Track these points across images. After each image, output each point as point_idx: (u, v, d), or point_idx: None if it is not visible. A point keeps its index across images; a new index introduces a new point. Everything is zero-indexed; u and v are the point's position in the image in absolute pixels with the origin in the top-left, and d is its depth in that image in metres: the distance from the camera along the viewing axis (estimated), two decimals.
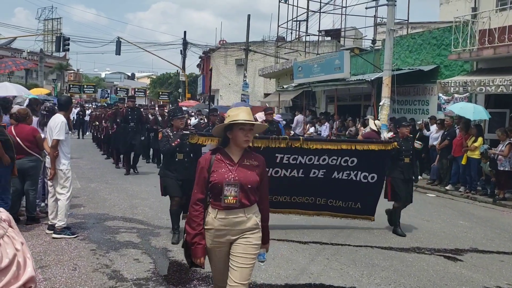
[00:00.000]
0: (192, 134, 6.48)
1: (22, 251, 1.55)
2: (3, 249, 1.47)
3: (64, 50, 32.68)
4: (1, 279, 1.44)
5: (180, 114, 6.59)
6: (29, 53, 43.21)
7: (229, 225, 3.17)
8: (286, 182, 7.08)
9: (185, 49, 37.78)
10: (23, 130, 6.57)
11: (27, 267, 1.53)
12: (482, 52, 12.65)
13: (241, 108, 3.30)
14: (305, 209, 7.51)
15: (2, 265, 1.45)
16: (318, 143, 7.09)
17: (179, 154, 6.47)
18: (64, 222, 6.24)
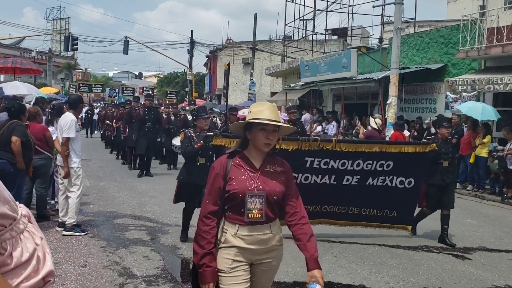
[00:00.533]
0: (216, 136, 5.97)
1: (42, 246, 1.59)
2: (23, 243, 1.51)
3: (73, 49, 32.85)
4: (21, 272, 1.48)
5: (205, 114, 6.08)
6: (38, 52, 43.47)
7: (253, 244, 2.65)
8: (317, 189, 6.41)
9: (192, 48, 37.84)
10: (33, 129, 6.63)
11: (46, 261, 1.56)
12: (490, 50, 12.59)
13: (266, 104, 2.77)
14: (337, 219, 6.88)
15: (22, 259, 1.49)
16: (351, 145, 6.47)
17: (201, 157, 5.99)
18: (74, 219, 6.31)
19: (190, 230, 6.32)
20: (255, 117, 2.64)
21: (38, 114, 6.82)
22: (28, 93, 11.14)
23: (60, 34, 47.03)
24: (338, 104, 21.02)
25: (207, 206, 2.67)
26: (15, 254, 1.46)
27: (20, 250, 1.48)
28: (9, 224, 1.47)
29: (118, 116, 15.01)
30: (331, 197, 6.64)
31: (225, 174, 2.67)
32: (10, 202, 1.48)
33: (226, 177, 2.66)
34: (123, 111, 14.51)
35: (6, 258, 1.44)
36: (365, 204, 6.80)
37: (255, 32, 32.24)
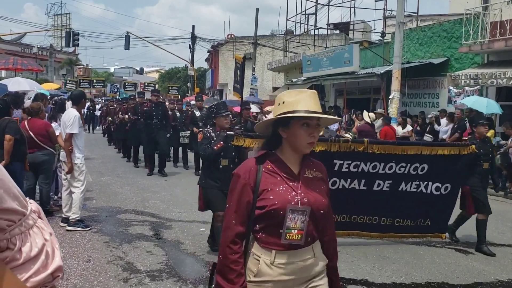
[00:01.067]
0: (237, 135, 5.45)
1: (51, 241, 1.60)
2: (33, 239, 1.53)
3: (74, 45, 32.84)
4: (30, 267, 1.49)
5: (225, 111, 5.41)
6: (39, 48, 43.48)
7: (295, 273, 2.07)
8: (345, 196, 5.76)
9: (194, 43, 37.78)
10: (36, 125, 6.65)
11: (55, 257, 1.58)
12: (493, 45, 12.55)
13: (305, 91, 2.16)
14: (368, 231, 6.20)
15: (31, 254, 1.50)
16: (385, 147, 5.84)
17: (224, 159, 5.37)
18: (78, 215, 6.34)
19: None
20: (293, 109, 2.05)
21: (40, 110, 6.83)
22: (30, 89, 11.16)
23: (61, 29, 47.01)
24: (340, 99, 21.01)
25: (233, 227, 2.05)
26: (24, 249, 1.48)
27: (29, 245, 1.50)
28: (18, 220, 1.48)
29: (123, 109, 14.34)
30: (361, 205, 5.97)
31: (255, 184, 2.07)
32: (19, 198, 1.49)
33: (257, 188, 2.07)
34: (127, 106, 14.08)
35: (15, 253, 1.46)
36: (398, 214, 6.12)
37: (257, 27, 32.15)
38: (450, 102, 14.12)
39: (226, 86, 38.87)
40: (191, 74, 39.61)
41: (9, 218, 1.44)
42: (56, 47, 47.69)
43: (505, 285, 5.10)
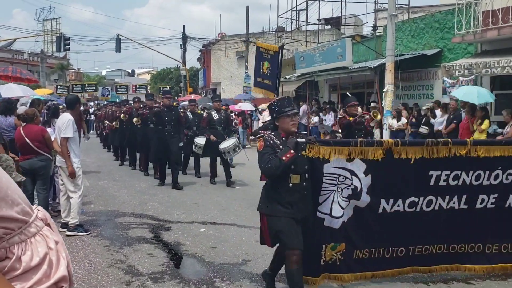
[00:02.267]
0: (311, 143, 4.10)
1: (56, 250, 1.55)
2: (34, 247, 1.48)
3: (65, 50, 32.65)
4: (31, 277, 1.45)
5: (290, 109, 4.02)
6: (30, 54, 43.21)
7: None
8: (442, 219, 4.60)
9: (185, 43, 37.66)
10: (31, 130, 6.58)
11: (59, 266, 1.53)
12: (486, 34, 12.55)
13: None
14: (471, 263, 4.84)
15: (31, 263, 1.45)
16: (490, 148, 4.53)
17: (294, 175, 3.97)
18: (77, 219, 6.30)
19: None
20: None
21: (35, 115, 6.76)
22: (23, 95, 11.07)
23: (51, 34, 46.69)
24: (334, 94, 20.98)
25: None
26: (24, 259, 1.43)
27: (29, 254, 1.45)
28: (18, 228, 1.44)
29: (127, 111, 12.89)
30: (461, 229, 4.67)
31: None
32: (20, 205, 1.44)
33: None
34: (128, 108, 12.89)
35: (14, 262, 1.41)
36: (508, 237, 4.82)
37: (248, 25, 32.14)
38: (445, 93, 14.13)
39: (219, 85, 38.78)
40: (183, 74, 39.50)
41: (6, 226, 1.40)
42: (47, 52, 47.35)
43: (509, 274, 5.04)
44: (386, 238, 4.51)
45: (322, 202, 4.24)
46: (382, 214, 4.42)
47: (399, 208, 4.45)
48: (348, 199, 4.28)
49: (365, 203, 4.34)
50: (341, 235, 4.32)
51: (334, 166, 4.19)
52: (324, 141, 4.51)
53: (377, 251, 4.52)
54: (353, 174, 4.26)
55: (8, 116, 7.68)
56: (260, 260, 5.33)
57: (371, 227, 4.44)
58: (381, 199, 4.39)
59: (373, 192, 4.32)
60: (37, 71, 41.02)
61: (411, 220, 4.51)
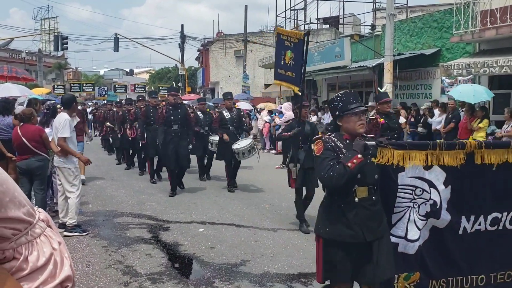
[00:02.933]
0: (381, 145, 3.29)
1: (60, 251, 1.56)
2: (40, 248, 1.49)
3: (63, 49, 32.62)
4: (38, 277, 1.46)
5: (357, 106, 3.30)
6: (28, 53, 43.13)
7: None
8: None
9: (183, 42, 37.65)
10: (28, 130, 6.56)
11: (64, 266, 1.54)
12: (484, 33, 12.56)
13: None
14: None
15: (38, 263, 1.47)
16: None
17: (361, 187, 3.24)
18: (74, 220, 6.28)
19: None
20: None
21: (32, 115, 6.74)
22: (20, 94, 11.04)
23: (49, 33, 46.62)
24: (333, 94, 20.96)
25: None
26: (31, 259, 1.45)
27: (36, 255, 1.46)
28: (24, 229, 1.45)
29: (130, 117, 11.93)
30: None
31: None
32: (26, 206, 1.45)
33: None
34: (134, 110, 11.91)
35: (21, 262, 1.43)
36: None
37: (246, 24, 32.13)
38: (443, 92, 14.14)
39: (217, 84, 38.79)
40: (181, 73, 39.50)
41: (14, 227, 1.41)
42: (45, 52, 47.27)
43: None
44: (466, 265, 3.65)
45: (395, 222, 3.44)
46: (462, 235, 3.58)
47: (480, 227, 3.63)
48: (426, 218, 3.46)
49: (445, 222, 3.50)
50: (416, 262, 3.50)
51: (410, 176, 3.38)
52: (398, 143, 3.47)
53: (455, 280, 3.64)
54: (432, 186, 3.44)
55: (6, 116, 7.65)
56: (259, 261, 5.31)
57: (450, 252, 3.59)
58: (461, 216, 3.56)
59: (454, 208, 3.51)
60: (34, 70, 40.96)
61: (493, 240, 3.69)
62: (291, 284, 4.65)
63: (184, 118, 9.21)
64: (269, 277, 4.84)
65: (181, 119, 9.07)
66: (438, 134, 12.68)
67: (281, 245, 5.95)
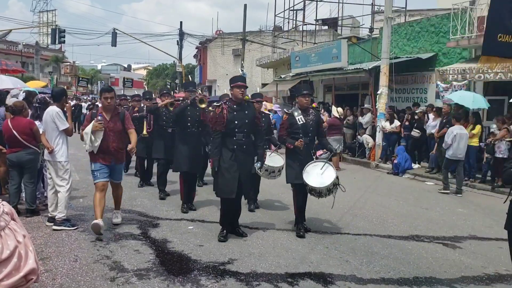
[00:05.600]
0: None
1: (24, 244, 1.56)
2: (4, 241, 1.49)
3: (60, 42, 32.49)
4: (1, 270, 1.46)
5: None
6: (25, 45, 42.98)
7: None
8: None
9: (182, 39, 37.62)
10: (19, 123, 6.55)
11: (28, 259, 1.54)
12: (480, 39, 12.55)
13: None
14: None
15: (2, 256, 1.46)
16: None
17: None
18: (64, 214, 6.26)
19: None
20: None
21: (24, 108, 6.73)
22: (13, 86, 10.98)
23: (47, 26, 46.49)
24: (329, 95, 21.01)
25: None
26: None
27: (0, 247, 1.46)
28: None
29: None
30: None
31: None
32: None
33: None
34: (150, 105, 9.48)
35: None
36: None
37: (245, 23, 32.09)
38: (438, 97, 14.18)
39: (215, 82, 38.76)
40: (179, 70, 39.46)
41: None
42: (42, 44, 47.21)
43: (492, 279, 5.13)
44: None
45: None
46: None
47: None
48: None
49: None
50: None
51: None
52: None
53: None
54: None
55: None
56: (247, 260, 5.32)
57: None
58: None
59: None
60: (31, 63, 40.85)
61: None
62: (277, 284, 4.66)
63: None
64: (256, 276, 4.85)
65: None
66: (432, 138, 12.73)
67: (270, 244, 5.96)
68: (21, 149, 6.53)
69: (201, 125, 7.76)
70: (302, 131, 6.36)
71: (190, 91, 7.96)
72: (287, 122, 6.56)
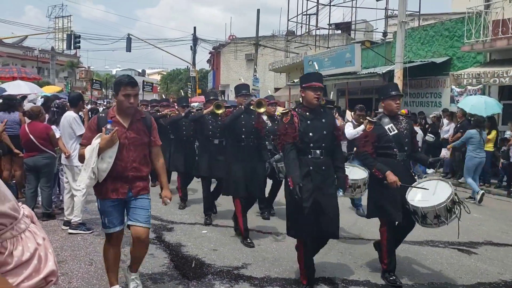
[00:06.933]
0: None
1: (44, 246, 1.59)
2: (25, 243, 1.52)
3: (75, 47, 32.91)
4: (22, 272, 1.48)
5: None
6: (41, 51, 43.60)
7: None
8: None
9: (195, 45, 37.82)
10: (36, 128, 6.65)
11: (48, 261, 1.57)
12: (495, 43, 12.50)
13: None
14: None
15: (23, 258, 1.49)
16: None
17: None
18: (79, 218, 6.33)
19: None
20: None
21: (41, 113, 6.84)
22: (30, 92, 11.15)
23: (62, 32, 47.12)
24: (342, 99, 20.96)
25: None
26: (16, 253, 1.47)
27: (21, 250, 1.49)
28: (9, 223, 1.47)
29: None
30: None
31: None
32: (11, 201, 1.48)
33: None
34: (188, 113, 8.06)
35: (6, 257, 1.45)
36: None
37: (258, 28, 32.15)
38: (452, 101, 14.07)
39: (228, 87, 38.87)
40: (193, 75, 39.64)
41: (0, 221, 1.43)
42: (58, 50, 47.81)
43: (509, 285, 5.07)
44: None
45: None
46: None
47: None
48: None
49: None
50: None
51: None
52: None
53: None
54: None
55: (12, 112, 7.76)
56: (261, 264, 5.33)
57: None
58: None
59: None
60: (47, 68, 41.38)
61: None
62: None
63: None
64: (269, 281, 4.85)
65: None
66: (446, 142, 12.62)
67: (284, 249, 5.96)
68: (37, 153, 6.63)
69: (257, 136, 6.31)
70: (396, 144, 4.85)
71: (243, 95, 6.40)
72: (373, 134, 4.89)
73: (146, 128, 4.11)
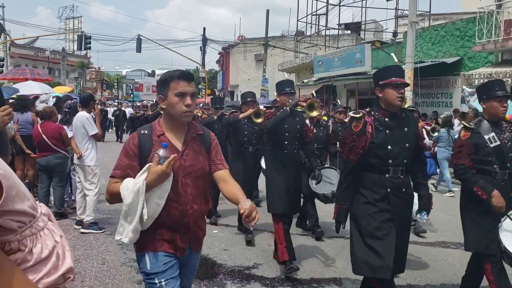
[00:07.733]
0: None
1: (61, 243, 1.62)
2: (43, 240, 1.55)
3: (86, 48, 33.09)
4: (41, 268, 1.52)
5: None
6: (52, 52, 43.97)
7: None
8: None
9: (205, 45, 37.93)
10: (49, 128, 6.71)
11: (66, 259, 1.60)
12: (507, 43, 12.40)
13: None
14: None
15: (42, 255, 1.52)
16: None
17: None
18: (92, 217, 6.38)
19: None
20: None
21: (53, 113, 6.90)
22: (42, 92, 11.26)
23: (73, 33, 47.48)
24: (352, 100, 20.92)
25: None
26: (35, 251, 1.50)
27: (40, 247, 1.52)
28: (29, 222, 1.50)
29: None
30: None
31: None
32: (30, 200, 1.51)
33: None
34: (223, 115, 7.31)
35: (26, 254, 1.48)
36: None
37: (267, 28, 32.20)
38: (463, 101, 13.97)
39: (237, 87, 38.94)
40: (202, 76, 39.76)
41: (20, 219, 1.46)
42: (68, 51, 48.18)
43: None
44: None
45: None
46: None
47: None
48: None
49: None
50: None
51: None
52: None
53: None
54: None
55: (25, 113, 7.84)
56: (272, 264, 5.33)
57: None
58: None
59: None
60: (58, 69, 41.72)
61: None
62: None
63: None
64: (281, 281, 4.85)
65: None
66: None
67: (295, 250, 5.94)
68: (50, 153, 6.69)
69: (302, 143, 5.43)
70: (498, 159, 3.76)
71: (288, 94, 5.31)
72: (470, 144, 3.83)
73: (205, 149, 2.75)
